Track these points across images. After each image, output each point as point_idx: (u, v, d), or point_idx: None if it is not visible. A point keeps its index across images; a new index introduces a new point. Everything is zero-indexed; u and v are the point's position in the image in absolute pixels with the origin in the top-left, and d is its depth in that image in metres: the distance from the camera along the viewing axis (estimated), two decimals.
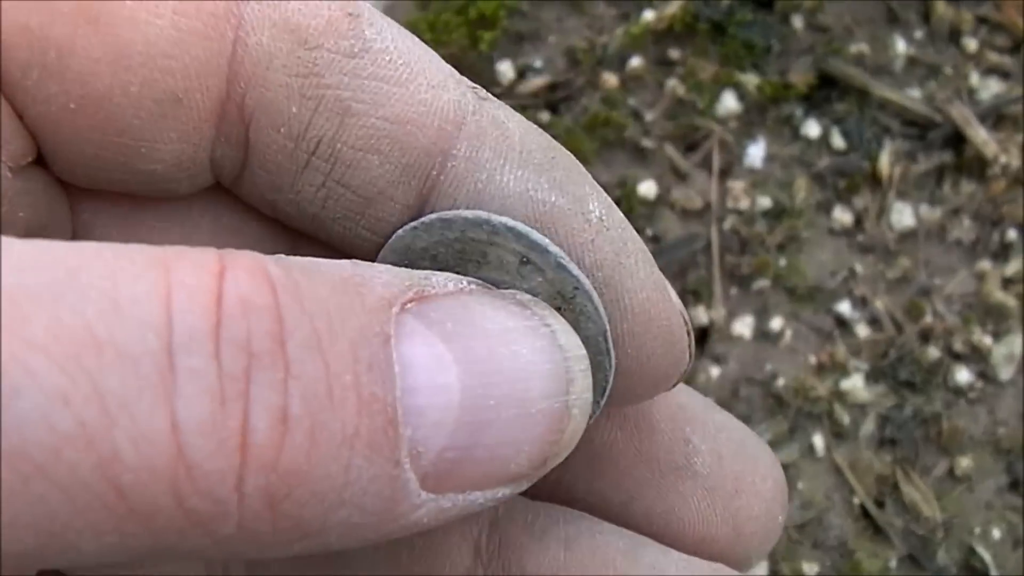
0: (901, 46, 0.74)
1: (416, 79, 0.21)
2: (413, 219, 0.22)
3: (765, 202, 0.71)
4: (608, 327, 0.22)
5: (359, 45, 0.21)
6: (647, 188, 0.70)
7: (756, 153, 0.72)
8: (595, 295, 0.22)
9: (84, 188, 0.23)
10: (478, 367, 0.18)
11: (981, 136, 0.72)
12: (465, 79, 0.22)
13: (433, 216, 0.22)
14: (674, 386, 0.24)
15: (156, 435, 0.16)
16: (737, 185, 0.71)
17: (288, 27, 0.21)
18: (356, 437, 0.17)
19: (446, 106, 0.21)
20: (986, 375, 0.68)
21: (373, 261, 0.23)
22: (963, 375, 0.68)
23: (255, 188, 0.23)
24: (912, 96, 0.73)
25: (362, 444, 0.17)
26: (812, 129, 0.72)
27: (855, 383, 0.67)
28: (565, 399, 0.19)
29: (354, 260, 0.19)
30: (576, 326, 0.22)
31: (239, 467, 0.16)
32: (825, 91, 0.73)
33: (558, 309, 0.22)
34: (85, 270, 0.16)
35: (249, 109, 0.21)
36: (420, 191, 0.22)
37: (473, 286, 0.20)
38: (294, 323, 0.17)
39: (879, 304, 0.69)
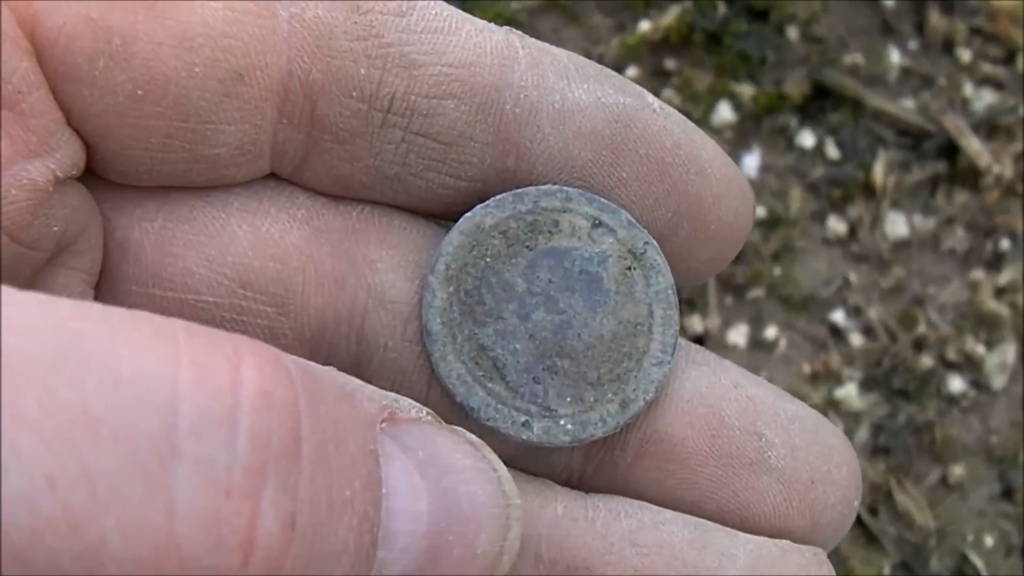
0: (895, 57, 0.75)
1: (463, 26, 0.23)
2: (482, 198, 0.23)
3: (760, 212, 0.71)
4: (673, 280, 0.24)
5: (405, 5, 0.22)
6: None
7: (751, 163, 0.72)
8: (660, 250, 0.24)
9: (134, 189, 0.23)
10: (444, 502, 0.18)
11: (975, 146, 0.72)
12: None
13: (505, 193, 0.23)
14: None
15: (148, 523, 0.15)
16: None
17: None
18: (344, 554, 0.17)
19: (498, 44, 0.23)
20: (979, 384, 0.69)
21: (458, 212, 0.24)
22: (956, 384, 0.68)
23: (324, 167, 0.23)
24: (906, 106, 0.74)
25: (348, 562, 0.17)
26: (807, 139, 0.73)
27: (849, 392, 0.68)
28: (502, 545, 0.19)
29: (336, 370, 0.19)
30: (647, 281, 0.23)
31: (241, 566, 0.15)
32: (819, 101, 0.74)
33: (628, 269, 0.23)
34: (88, 337, 0.15)
35: (318, 82, 0.22)
36: (498, 128, 0.23)
37: (429, 418, 0.20)
38: (311, 426, 0.16)
39: (873, 313, 0.70)
